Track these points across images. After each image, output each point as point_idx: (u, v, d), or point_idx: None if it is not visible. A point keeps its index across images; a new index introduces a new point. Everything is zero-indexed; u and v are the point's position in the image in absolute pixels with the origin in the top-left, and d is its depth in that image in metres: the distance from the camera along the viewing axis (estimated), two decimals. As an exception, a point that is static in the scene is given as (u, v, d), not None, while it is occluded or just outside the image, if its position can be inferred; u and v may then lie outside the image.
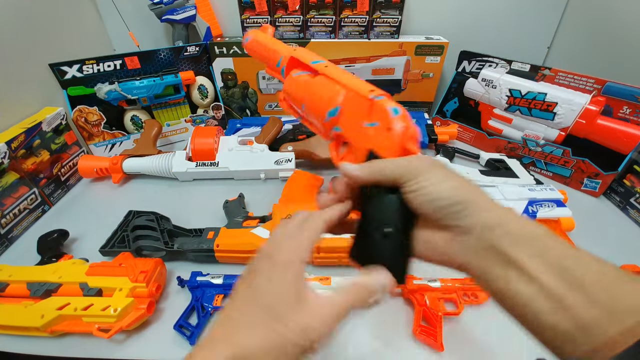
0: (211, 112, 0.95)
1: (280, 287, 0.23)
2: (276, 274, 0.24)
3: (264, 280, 0.24)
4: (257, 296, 0.23)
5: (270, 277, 0.24)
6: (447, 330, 0.46)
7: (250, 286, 0.24)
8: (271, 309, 0.23)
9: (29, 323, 0.45)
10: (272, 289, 0.23)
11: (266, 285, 0.24)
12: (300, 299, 0.24)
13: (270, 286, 0.24)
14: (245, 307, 0.23)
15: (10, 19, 0.68)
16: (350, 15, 0.84)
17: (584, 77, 0.72)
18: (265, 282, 0.24)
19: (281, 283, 0.24)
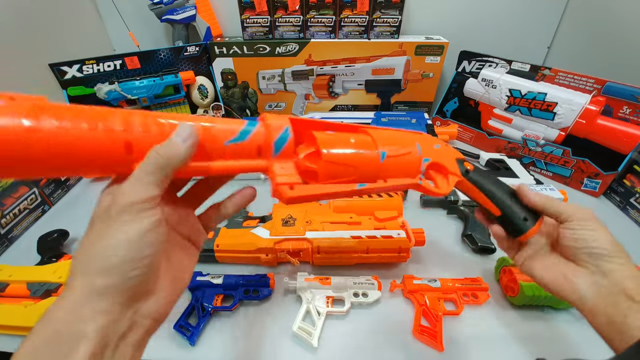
0: (211, 112, 0.95)
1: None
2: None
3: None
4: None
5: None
6: (447, 330, 0.46)
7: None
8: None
9: (29, 323, 0.45)
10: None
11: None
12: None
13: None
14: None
15: (10, 19, 0.68)
16: (350, 15, 0.84)
17: (584, 77, 0.72)
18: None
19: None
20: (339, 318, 0.49)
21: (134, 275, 0.20)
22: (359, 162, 0.30)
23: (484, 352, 0.45)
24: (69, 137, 0.19)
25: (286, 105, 0.99)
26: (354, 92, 0.96)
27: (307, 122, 0.30)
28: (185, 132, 0.22)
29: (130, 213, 0.20)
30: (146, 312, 0.22)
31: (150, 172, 0.21)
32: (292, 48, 0.88)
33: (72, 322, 0.19)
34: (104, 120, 0.21)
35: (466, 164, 0.38)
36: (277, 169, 0.27)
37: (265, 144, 0.26)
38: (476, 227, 0.60)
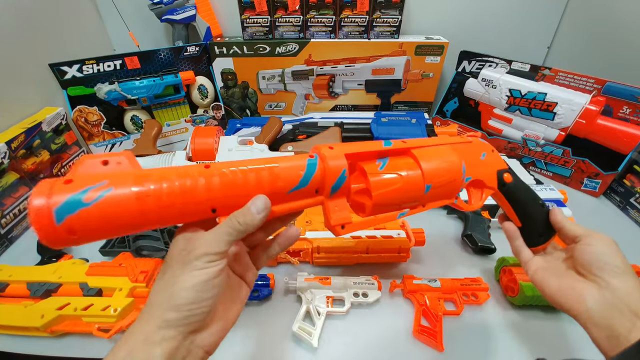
0: (211, 112, 0.95)
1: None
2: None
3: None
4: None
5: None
6: (447, 330, 0.46)
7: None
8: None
9: (29, 323, 0.45)
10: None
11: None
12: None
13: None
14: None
15: (10, 19, 0.68)
16: (350, 15, 0.84)
17: (584, 77, 0.72)
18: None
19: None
20: (339, 318, 0.49)
21: (197, 313, 0.25)
22: (404, 199, 0.33)
23: (484, 352, 0.45)
24: (169, 209, 0.25)
25: (286, 105, 0.99)
26: (354, 92, 0.96)
27: (360, 154, 0.32)
28: (261, 205, 0.27)
29: (202, 262, 0.25)
30: (200, 343, 0.26)
31: (227, 233, 0.26)
32: (292, 48, 0.88)
33: (145, 344, 0.24)
34: (192, 192, 0.25)
35: (506, 176, 0.40)
36: (331, 207, 0.30)
37: (323, 184, 0.29)
38: (476, 227, 0.60)
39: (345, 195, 0.31)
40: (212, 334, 0.26)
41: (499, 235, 0.63)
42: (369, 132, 0.82)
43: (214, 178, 0.26)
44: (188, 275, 0.25)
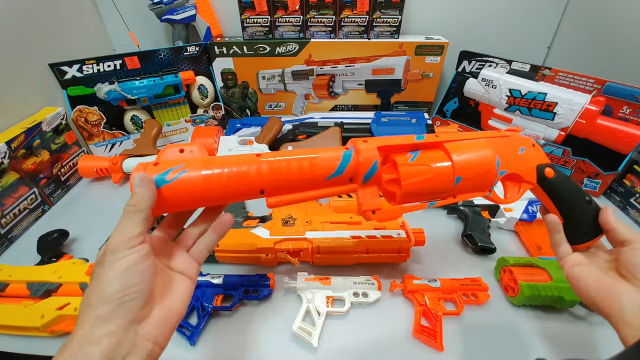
0: (211, 112, 0.95)
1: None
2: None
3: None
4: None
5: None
6: (447, 330, 0.46)
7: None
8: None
9: (29, 323, 0.45)
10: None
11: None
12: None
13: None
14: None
15: (10, 19, 0.68)
16: (350, 15, 0.84)
17: (584, 77, 0.72)
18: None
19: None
20: (339, 318, 0.49)
21: (128, 300, 0.24)
22: (434, 190, 0.34)
23: (484, 352, 0.45)
24: (227, 188, 0.29)
25: (286, 105, 0.99)
26: (354, 92, 0.96)
27: (393, 147, 0.34)
28: (137, 180, 0.27)
29: (120, 252, 0.25)
30: (146, 335, 0.25)
31: (128, 218, 0.27)
32: (292, 48, 0.88)
33: (82, 346, 0.23)
34: (246, 176, 0.30)
35: (548, 171, 0.39)
36: (362, 195, 0.33)
37: (356, 174, 0.32)
38: (476, 227, 0.60)
39: (377, 184, 0.34)
40: (156, 325, 0.26)
41: (499, 235, 0.63)
42: (369, 132, 0.82)
43: (263, 165, 0.30)
44: (108, 268, 0.25)
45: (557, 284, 0.48)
